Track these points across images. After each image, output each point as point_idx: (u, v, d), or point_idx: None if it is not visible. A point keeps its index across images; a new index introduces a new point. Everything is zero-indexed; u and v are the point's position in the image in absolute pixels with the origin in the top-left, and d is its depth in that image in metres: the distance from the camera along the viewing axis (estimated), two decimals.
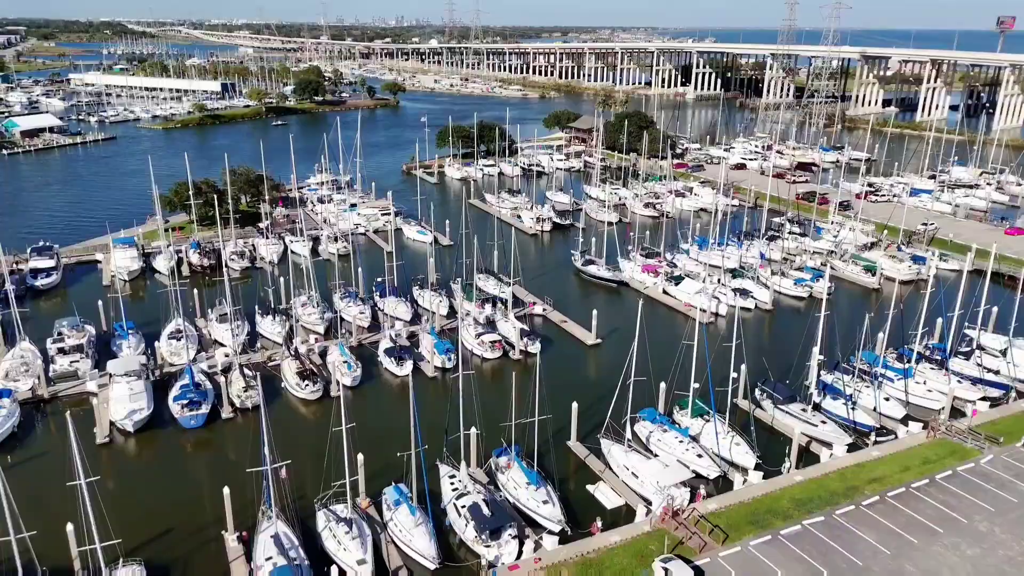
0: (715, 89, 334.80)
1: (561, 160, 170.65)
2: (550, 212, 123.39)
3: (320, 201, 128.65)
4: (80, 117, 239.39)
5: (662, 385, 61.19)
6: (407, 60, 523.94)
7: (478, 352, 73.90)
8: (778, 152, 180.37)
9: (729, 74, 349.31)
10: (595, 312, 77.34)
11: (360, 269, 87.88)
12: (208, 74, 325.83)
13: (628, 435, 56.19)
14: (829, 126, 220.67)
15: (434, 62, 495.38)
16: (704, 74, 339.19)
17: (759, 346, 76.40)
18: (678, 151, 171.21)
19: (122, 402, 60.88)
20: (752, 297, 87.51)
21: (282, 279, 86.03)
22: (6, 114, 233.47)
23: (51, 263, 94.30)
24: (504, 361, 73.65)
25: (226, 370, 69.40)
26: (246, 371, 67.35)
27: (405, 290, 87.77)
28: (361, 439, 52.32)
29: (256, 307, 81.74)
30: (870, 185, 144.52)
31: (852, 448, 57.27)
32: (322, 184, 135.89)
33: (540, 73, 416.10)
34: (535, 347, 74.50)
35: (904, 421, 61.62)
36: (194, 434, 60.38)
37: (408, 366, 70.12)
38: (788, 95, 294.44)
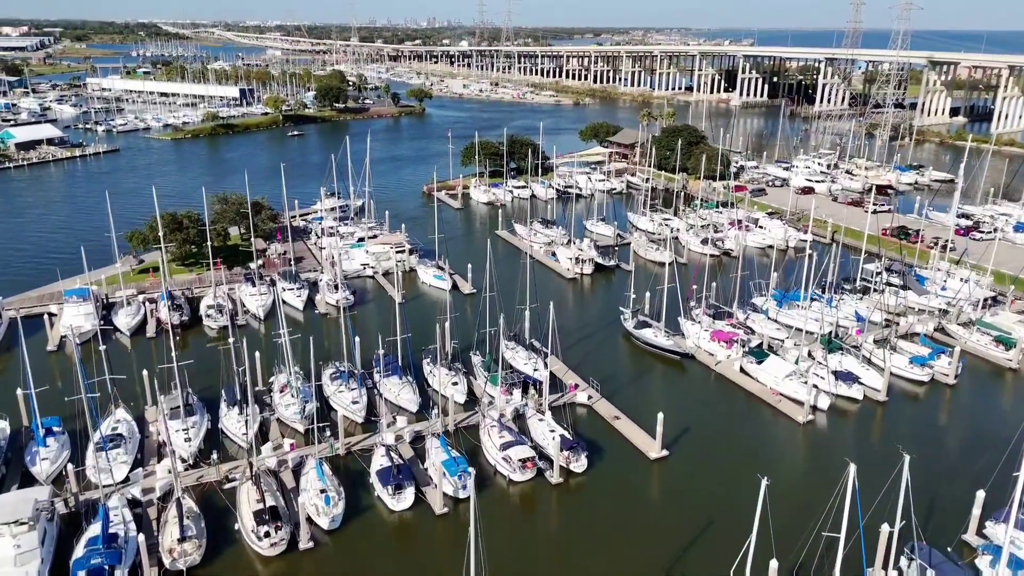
0: (762, 96, 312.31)
1: (601, 180, 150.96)
2: (591, 250, 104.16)
3: (324, 233, 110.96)
4: (88, 126, 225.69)
5: (772, 563, 42.05)
6: (436, 63, 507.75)
7: (503, 471, 55.24)
8: (847, 172, 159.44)
9: (776, 79, 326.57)
10: (660, 415, 57.98)
11: (357, 338, 69.55)
12: (230, 78, 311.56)
13: None
14: (896, 139, 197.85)
15: (463, 65, 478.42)
16: (749, 79, 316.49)
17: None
18: (732, 170, 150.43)
19: (3, 566, 43.45)
20: (860, 383, 67.48)
21: (257, 353, 68.34)
22: (12, 122, 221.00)
23: None
24: (538, 484, 54.73)
25: (164, 497, 51.89)
26: (186, 505, 49.36)
27: (412, 361, 69.67)
28: None
29: (223, 391, 64.35)
30: (965, 216, 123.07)
31: None
32: (329, 211, 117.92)
33: (574, 77, 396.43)
34: (580, 463, 55.86)
35: None
36: None
37: (408, 496, 51.86)
38: (844, 102, 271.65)
